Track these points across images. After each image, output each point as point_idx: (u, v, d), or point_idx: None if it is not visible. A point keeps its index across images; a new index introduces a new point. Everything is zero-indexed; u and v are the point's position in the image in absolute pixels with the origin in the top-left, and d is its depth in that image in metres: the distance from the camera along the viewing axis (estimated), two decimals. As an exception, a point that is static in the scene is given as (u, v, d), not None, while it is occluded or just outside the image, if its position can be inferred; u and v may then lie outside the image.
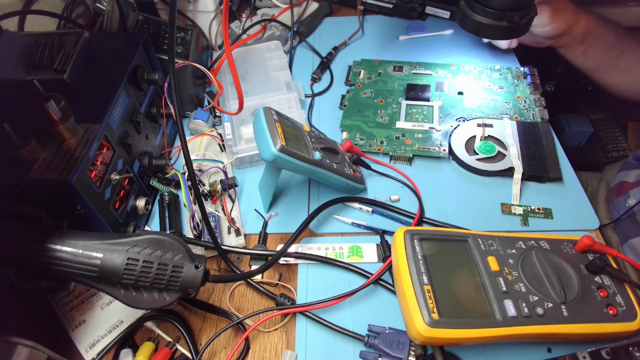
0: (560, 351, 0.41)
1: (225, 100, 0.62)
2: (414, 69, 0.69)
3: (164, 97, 0.56)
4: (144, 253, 0.36)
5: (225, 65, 0.67)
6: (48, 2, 0.65)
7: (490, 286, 0.39)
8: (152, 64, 0.55)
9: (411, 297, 0.37)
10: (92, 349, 0.44)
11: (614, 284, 0.41)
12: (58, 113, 0.39)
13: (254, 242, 0.51)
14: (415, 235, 0.41)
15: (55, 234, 0.36)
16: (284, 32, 0.76)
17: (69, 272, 0.36)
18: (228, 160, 0.56)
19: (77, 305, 0.46)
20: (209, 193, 0.53)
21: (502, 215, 0.52)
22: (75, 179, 0.37)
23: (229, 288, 0.48)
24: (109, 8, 0.58)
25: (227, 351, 0.44)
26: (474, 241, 0.42)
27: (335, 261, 0.48)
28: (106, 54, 0.50)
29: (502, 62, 0.70)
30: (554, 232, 0.49)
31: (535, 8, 0.53)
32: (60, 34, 0.49)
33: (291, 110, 0.60)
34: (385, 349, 0.40)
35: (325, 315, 0.44)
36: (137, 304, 0.37)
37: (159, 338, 0.44)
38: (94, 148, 0.40)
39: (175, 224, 0.51)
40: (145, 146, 0.53)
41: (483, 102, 0.63)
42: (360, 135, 0.60)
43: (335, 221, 0.52)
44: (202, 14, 0.71)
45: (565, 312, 0.38)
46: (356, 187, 0.53)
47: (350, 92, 0.66)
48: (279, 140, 0.44)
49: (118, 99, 0.45)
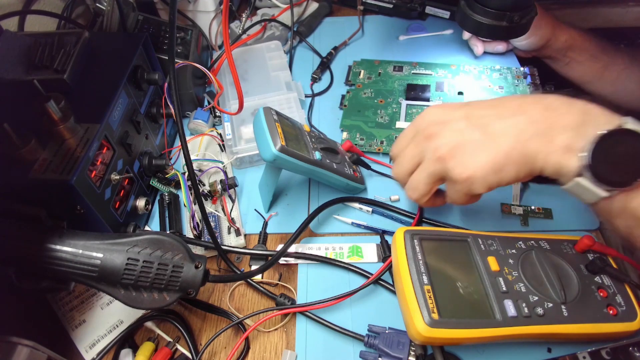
0: (560, 351, 0.41)
1: (225, 100, 0.62)
2: (414, 69, 0.69)
3: (164, 97, 0.56)
4: (144, 253, 0.36)
5: (225, 65, 0.67)
6: (48, 2, 0.65)
7: (490, 286, 0.39)
8: (152, 64, 0.55)
9: (411, 297, 0.37)
10: (92, 349, 0.44)
11: (614, 284, 0.41)
12: (58, 113, 0.39)
13: (254, 242, 0.51)
14: (415, 235, 0.41)
15: (55, 234, 0.36)
16: (284, 32, 0.76)
17: (69, 272, 0.36)
18: (228, 160, 0.56)
19: (77, 305, 0.46)
20: (209, 193, 0.53)
21: (502, 215, 0.52)
22: (75, 179, 0.37)
23: (229, 288, 0.48)
24: (109, 8, 0.58)
25: (227, 351, 0.44)
26: (474, 241, 0.42)
27: (335, 261, 0.48)
28: (106, 54, 0.50)
29: (502, 62, 0.70)
30: (554, 232, 0.49)
31: (536, 8, 0.53)
32: (60, 34, 0.49)
33: (291, 110, 0.60)
34: (385, 349, 0.40)
35: (325, 315, 0.44)
36: (137, 304, 0.37)
37: (159, 338, 0.44)
38: (94, 148, 0.40)
39: (175, 224, 0.51)
40: (145, 146, 0.53)
41: (483, 102, 0.63)
42: (360, 135, 0.60)
43: (335, 221, 0.52)
44: (202, 14, 0.71)
45: (565, 312, 0.38)
46: (356, 187, 0.53)
47: (350, 92, 0.66)
48: (279, 140, 0.44)
49: (118, 99, 0.45)
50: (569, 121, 0.35)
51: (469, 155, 0.37)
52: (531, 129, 0.36)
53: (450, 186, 0.40)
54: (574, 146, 0.34)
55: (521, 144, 0.36)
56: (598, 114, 0.35)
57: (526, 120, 0.36)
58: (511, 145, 0.36)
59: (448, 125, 0.39)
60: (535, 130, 0.36)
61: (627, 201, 0.34)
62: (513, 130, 0.36)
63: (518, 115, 0.37)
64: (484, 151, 0.37)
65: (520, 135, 0.36)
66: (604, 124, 0.34)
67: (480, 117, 0.38)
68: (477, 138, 0.37)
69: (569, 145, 0.35)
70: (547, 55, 0.69)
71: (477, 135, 0.37)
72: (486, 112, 0.38)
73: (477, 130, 0.37)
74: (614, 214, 0.35)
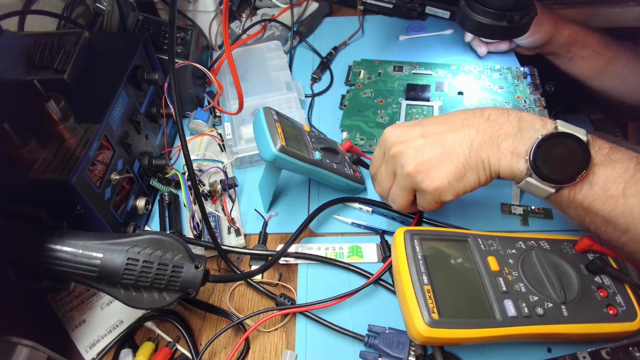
0: (560, 351, 0.41)
1: (225, 100, 0.62)
2: (414, 69, 0.69)
3: (164, 97, 0.56)
4: (144, 253, 0.36)
5: (225, 65, 0.67)
6: (48, 2, 0.65)
7: (490, 286, 0.39)
8: (152, 64, 0.55)
9: (411, 297, 0.37)
10: (92, 349, 0.44)
11: (614, 284, 0.41)
12: (58, 113, 0.39)
13: (254, 242, 0.51)
14: (415, 235, 0.41)
15: (55, 234, 0.36)
16: (284, 32, 0.76)
17: (69, 272, 0.36)
18: (228, 160, 0.56)
19: (77, 305, 0.46)
20: (209, 193, 0.53)
21: (502, 215, 0.52)
22: (75, 179, 0.37)
23: (229, 288, 0.48)
24: (109, 8, 0.58)
25: (227, 351, 0.44)
26: (474, 241, 0.42)
27: (335, 261, 0.48)
28: (106, 54, 0.50)
29: (502, 62, 0.70)
30: (554, 232, 0.49)
31: (536, 8, 0.53)
32: (60, 34, 0.49)
33: (291, 110, 0.60)
34: (385, 349, 0.40)
35: (325, 315, 0.44)
36: (137, 304, 0.37)
37: (159, 338, 0.44)
38: (94, 148, 0.40)
39: (175, 224, 0.51)
40: (145, 146, 0.53)
41: (483, 102, 0.63)
42: (360, 135, 0.60)
43: (335, 221, 0.52)
44: (202, 14, 0.71)
45: (565, 312, 0.38)
46: (356, 187, 0.53)
47: (350, 92, 0.66)
48: (279, 140, 0.44)
49: (118, 99, 0.45)
50: (509, 129, 0.40)
51: (434, 168, 0.42)
52: (479, 138, 0.41)
53: (421, 196, 0.44)
54: (518, 150, 0.39)
55: (474, 152, 0.41)
56: (532, 119, 0.40)
57: (474, 131, 0.41)
58: (466, 154, 0.41)
59: (408, 144, 0.43)
60: (483, 139, 0.41)
61: (574, 194, 0.38)
62: (465, 141, 0.41)
63: (465, 127, 0.42)
64: (445, 163, 0.41)
65: (472, 145, 0.41)
66: (540, 129, 0.39)
67: (434, 134, 0.43)
68: (437, 152, 0.42)
69: (514, 149, 0.39)
70: (551, 51, 0.69)
71: (437, 150, 0.42)
72: (438, 128, 0.43)
73: (436, 146, 0.42)
74: (565, 205, 0.40)
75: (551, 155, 0.38)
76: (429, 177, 0.42)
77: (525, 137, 0.39)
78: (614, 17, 0.79)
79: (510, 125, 0.40)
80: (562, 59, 0.69)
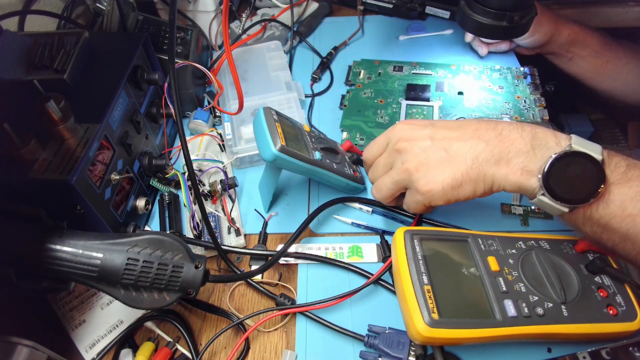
0: (560, 351, 0.41)
1: (225, 100, 0.62)
2: (414, 69, 0.69)
3: (164, 97, 0.56)
4: (144, 253, 0.36)
5: (225, 65, 0.67)
6: (48, 2, 0.65)
7: (490, 286, 0.39)
8: (152, 64, 0.55)
9: (411, 297, 0.37)
10: (92, 349, 0.44)
11: (614, 284, 0.41)
12: (58, 113, 0.39)
13: (254, 242, 0.51)
14: (415, 235, 0.41)
15: (55, 234, 0.36)
16: (284, 32, 0.76)
17: (69, 272, 0.36)
18: (228, 160, 0.56)
19: (77, 305, 0.46)
20: (209, 193, 0.53)
21: (502, 215, 0.52)
22: (75, 179, 0.37)
23: (229, 288, 0.48)
24: (109, 8, 0.58)
25: (227, 351, 0.44)
26: (474, 241, 0.42)
27: (335, 261, 0.48)
28: (106, 54, 0.50)
29: (502, 62, 0.70)
30: (554, 232, 0.49)
31: (536, 8, 0.53)
32: (60, 34, 0.49)
33: (291, 110, 0.60)
34: (385, 349, 0.40)
35: (325, 315, 0.44)
36: (137, 304, 0.37)
37: (159, 338, 0.44)
38: (94, 148, 0.40)
39: (175, 224, 0.51)
40: (145, 146, 0.53)
41: (483, 102, 0.63)
42: (360, 135, 0.60)
43: (335, 221, 0.52)
44: (202, 14, 0.71)
45: (565, 312, 0.38)
46: (356, 187, 0.53)
47: (350, 92, 0.66)
48: (279, 140, 0.44)
49: (118, 99, 0.45)
50: (521, 146, 0.39)
51: (433, 171, 0.42)
52: (486, 153, 0.40)
53: (411, 195, 0.44)
54: (529, 168, 0.39)
55: (477, 165, 0.40)
56: (546, 136, 0.39)
57: (482, 144, 0.41)
58: (469, 166, 0.41)
59: (415, 142, 0.43)
60: (491, 154, 0.40)
61: (590, 213, 0.37)
62: (471, 153, 0.41)
63: (475, 139, 0.41)
64: (445, 168, 0.41)
65: (477, 158, 0.40)
66: (553, 147, 0.38)
67: (442, 138, 0.43)
68: (440, 157, 0.42)
69: (525, 167, 0.39)
70: (551, 51, 0.69)
71: (440, 155, 0.42)
72: (448, 134, 0.43)
73: (441, 150, 0.42)
74: (580, 223, 0.39)
75: (564, 176, 0.37)
76: (425, 179, 0.42)
77: (537, 155, 0.38)
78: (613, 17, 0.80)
79: (522, 142, 0.39)
80: (562, 59, 0.69)
